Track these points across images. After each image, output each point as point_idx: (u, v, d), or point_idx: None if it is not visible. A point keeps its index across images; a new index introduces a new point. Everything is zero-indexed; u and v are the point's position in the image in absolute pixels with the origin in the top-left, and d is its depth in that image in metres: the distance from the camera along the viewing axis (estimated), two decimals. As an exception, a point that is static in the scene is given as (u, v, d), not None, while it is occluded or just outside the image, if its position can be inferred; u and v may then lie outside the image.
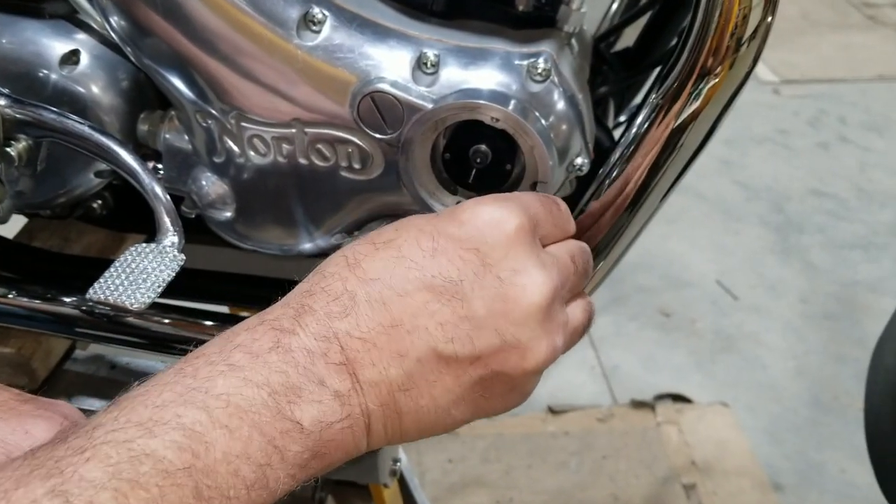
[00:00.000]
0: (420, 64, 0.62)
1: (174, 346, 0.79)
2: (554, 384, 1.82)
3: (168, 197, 0.68)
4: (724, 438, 1.72)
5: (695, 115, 0.55)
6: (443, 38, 0.63)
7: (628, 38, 0.93)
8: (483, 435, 1.67)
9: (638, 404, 1.78)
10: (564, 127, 0.63)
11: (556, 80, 0.62)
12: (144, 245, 0.66)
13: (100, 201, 0.90)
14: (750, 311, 2.11)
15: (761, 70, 3.32)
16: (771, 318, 2.09)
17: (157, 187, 0.68)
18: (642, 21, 0.88)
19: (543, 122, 0.61)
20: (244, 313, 1.17)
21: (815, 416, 1.80)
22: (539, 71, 0.61)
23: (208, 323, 0.79)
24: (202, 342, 0.76)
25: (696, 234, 2.38)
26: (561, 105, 0.62)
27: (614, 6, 0.96)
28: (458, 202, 0.66)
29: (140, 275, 0.64)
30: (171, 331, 0.79)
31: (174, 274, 0.65)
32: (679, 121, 0.55)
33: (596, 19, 0.96)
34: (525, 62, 0.61)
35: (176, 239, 0.67)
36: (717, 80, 0.53)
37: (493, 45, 0.62)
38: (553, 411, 1.74)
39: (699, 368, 1.93)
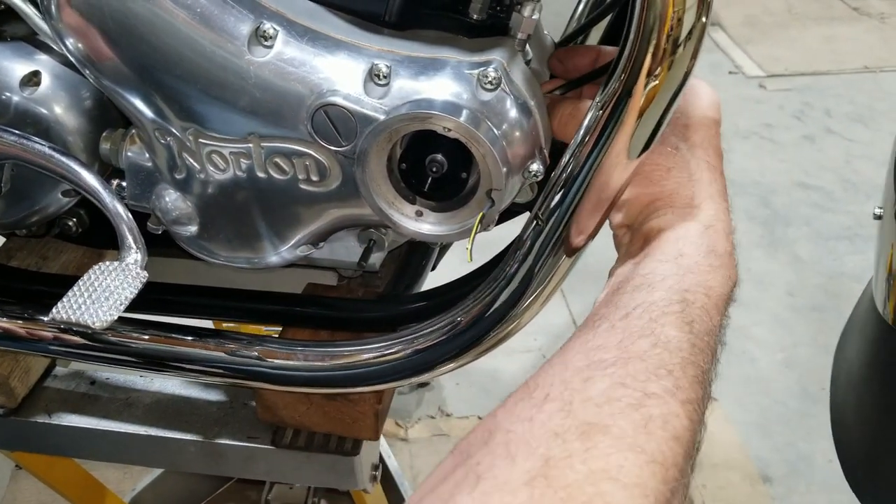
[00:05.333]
0: (372, 76, 0.62)
1: (153, 363, 0.79)
2: (543, 385, 1.83)
3: (130, 215, 0.69)
4: (712, 432, 1.72)
5: (638, 116, 0.56)
6: (395, 48, 0.63)
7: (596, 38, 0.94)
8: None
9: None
10: (518, 134, 0.63)
11: (506, 88, 0.62)
12: (108, 263, 0.67)
13: (75, 219, 0.90)
14: (737, 305, 2.10)
15: (747, 65, 3.33)
16: (759, 311, 2.09)
17: (118, 205, 0.68)
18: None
19: (496, 130, 0.62)
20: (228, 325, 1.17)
21: (804, 408, 1.81)
22: (489, 79, 0.61)
23: (188, 338, 0.79)
24: (182, 359, 0.78)
25: (682, 231, 2.39)
26: (513, 112, 0.63)
27: (580, 7, 0.97)
28: (417, 212, 0.67)
29: (103, 293, 0.65)
30: (150, 347, 0.79)
31: (137, 291, 0.66)
32: (622, 123, 0.56)
33: (561, 23, 0.97)
34: (476, 71, 0.62)
35: (139, 256, 0.68)
36: (656, 81, 0.54)
37: (445, 55, 0.63)
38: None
39: (687, 364, 1.93)
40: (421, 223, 0.67)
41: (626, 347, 0.49)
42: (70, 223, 0.91)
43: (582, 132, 0.59)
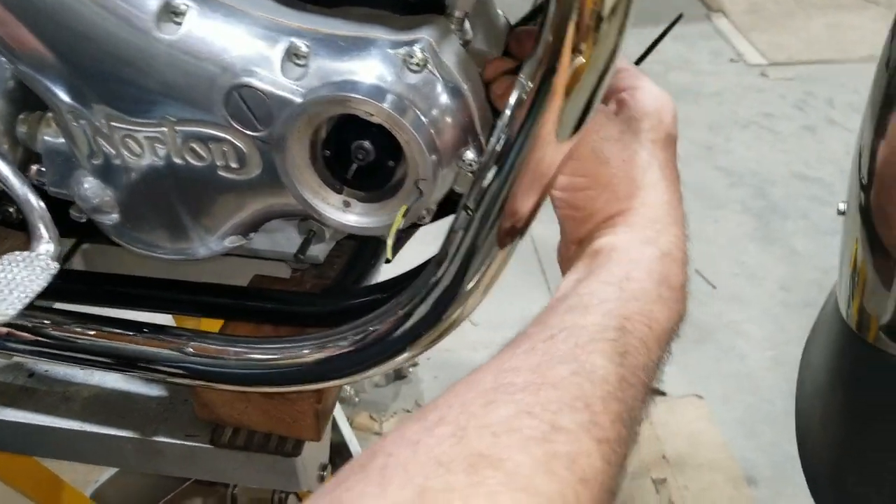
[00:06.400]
0: (290, 55, 0.58)
1: (74, 356, 0.76)
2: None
3: (42, 203, 0.65)
4: (696, 431, 1.68)
5: (565, 94, 0.51)
6: (317, 26, 0.59)
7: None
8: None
9: (609, 398, 1.74)
10: (448, 119, 0.59)
11: (435, 70, 0.58)
12: (16, 254, 0.64)
13: (15, 206, 0.87)
14: (728, 300, 2.07)
15: (749, 53, 3.26)
16: (750, 306, 2.05)
17: (29, 194, 0.65)
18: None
19: (422, 115, 0.57)
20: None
21: (792, 408, 1.76)
22: (415, 60, 0.57)
23: (113, 331, 0.76)
24: (105, 352, 0.74)
25: (676, 223, 2.34)
26: (442, 97, 0.59)
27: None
28: (344, 202, 0.63)
29: (8, 285, 0.61)
30: (91, 342, 0.76)
31: (46, 283, 0.63)
32: (548, 101, 0.51)
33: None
34: (401, 51, 0.58)
35: (51, 247, 0.64)
36: (581, 57, 0.49)
37: (370, 34, 0.59)
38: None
39: (674, 361, 1.88)
40: (348, 214, 0.63)
41: (541, 372, 0.44)
42: (11, 210, 0.87)
43: (508, 113, 0.54)
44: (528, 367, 0.45)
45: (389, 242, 0.59)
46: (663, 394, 1.77)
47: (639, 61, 0.81)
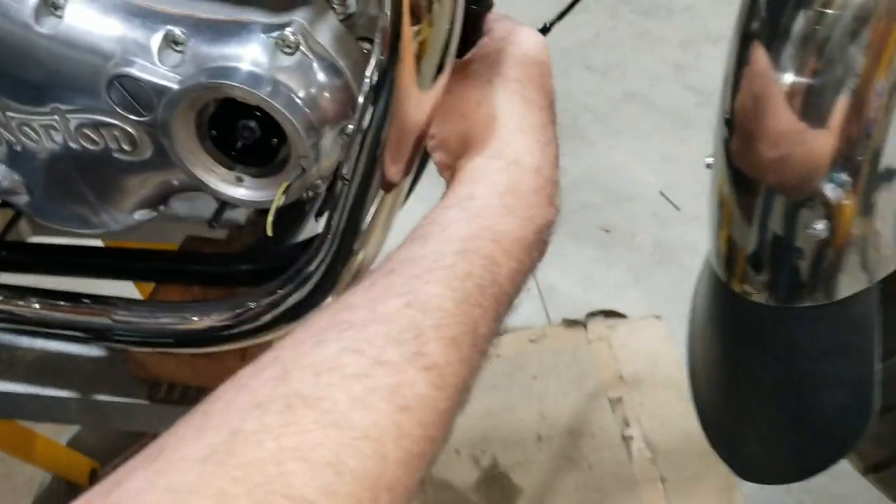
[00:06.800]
0: (168, 42, 0.60)
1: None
2: (490, 308, 1.84)
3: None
4: (654, 351, 1.74)
5: (418, 43, 0.52)
6: (194, 12, 0.61)
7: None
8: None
9: (570, 323, 1.79)
10: (326, 96, 0.62)
11: (308, 51, 0.60)
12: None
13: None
14: (692, 221, 2.09)
15: (721, -37, 3.21)
16: (712, 226, 2.08)
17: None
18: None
19: (296, 97, 0.60)
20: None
21: (747, 324, 1.81)
22: (287, 43, 0.59)
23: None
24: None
25: (643, 145, 2.35)
26: (318, 76, 0.61)
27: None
28: (236, 177, 0.66)
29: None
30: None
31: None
32: (402, 51, 0.52)
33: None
34: (274, 35, 0.60)
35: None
36: (427, 14, 0.50)
37: (245, 17, 0.61)
38: (487, 336, 1.76)
39: (636, 283, 1.93)
40: (240, 188, 0.66)
41: (374, 308, 0.44)
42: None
43: (368, 76, 0.55)
44: (363, 303, 0.45)
45: (269, 218, 0.62)
46: (623, 316, 1.82)
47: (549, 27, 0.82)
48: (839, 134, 0.60)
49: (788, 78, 0.62)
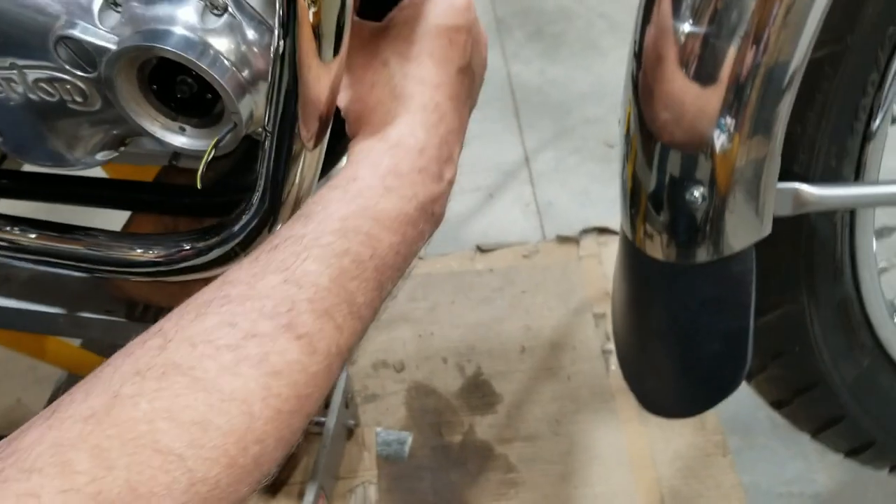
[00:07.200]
0: (109, 3, 0.65)
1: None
2: (487, 222, 1.89)
3: None
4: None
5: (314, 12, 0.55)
6: (133, -27, 0.65)
7: None
8: (412, 275, 1.77)
9: (563, 239, 1.84)
10: (255, 56, 0.66)
11: (236, 12, 0.65)
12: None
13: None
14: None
15: None
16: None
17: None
18: None
19: (224, 58, 0.65)
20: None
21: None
22: (216, 5, 0.64)
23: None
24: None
25: (654, 57, 2.33)
26: (247, 35, 0.65)
27: None
28: (180, 127, 0.72)
29: None
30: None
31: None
32: (299, 19, 0.56)
33: None
34: (203, -4, 0.64)
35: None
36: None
37: (178, -21, 0.65)
38: (482, 250, 1.82)
39: (632, 200, 1.96)
40: (183, 137, 0.71)
41: (253, 284, 0.49)
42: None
43: (275, 43, 0.59)
44: (245, 279, 0.50)
45: (201, 170, 0.68)
46: (616, 233, 1.87)
47: None
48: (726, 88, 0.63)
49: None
